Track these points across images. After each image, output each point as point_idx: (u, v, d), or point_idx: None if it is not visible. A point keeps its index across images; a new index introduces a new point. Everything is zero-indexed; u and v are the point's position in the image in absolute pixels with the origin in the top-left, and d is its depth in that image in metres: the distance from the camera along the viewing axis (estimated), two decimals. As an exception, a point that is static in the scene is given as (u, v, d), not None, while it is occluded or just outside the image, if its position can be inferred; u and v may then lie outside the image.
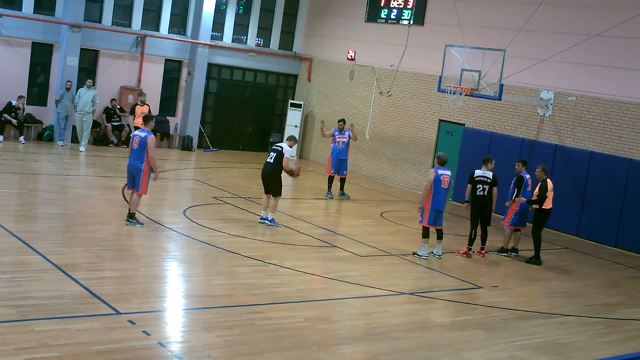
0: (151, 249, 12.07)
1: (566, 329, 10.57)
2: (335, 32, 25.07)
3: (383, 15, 23.30)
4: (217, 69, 25.02)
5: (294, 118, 25.69)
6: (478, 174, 14.13)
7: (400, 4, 22.74)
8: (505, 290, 12.30)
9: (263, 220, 14.57)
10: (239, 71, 25.52)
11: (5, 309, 8.34)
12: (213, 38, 24.47)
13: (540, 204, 14.22)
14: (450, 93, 17.64)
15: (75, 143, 21.12)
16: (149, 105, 22.18)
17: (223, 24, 24.86)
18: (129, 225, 13.03)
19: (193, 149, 24.32)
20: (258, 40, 25.84)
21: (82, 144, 20.86)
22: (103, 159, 20.23)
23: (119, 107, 22.67)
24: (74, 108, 21.05)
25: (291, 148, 14.76)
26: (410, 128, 22.24)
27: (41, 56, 21.89)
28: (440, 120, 21.45)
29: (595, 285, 13.57)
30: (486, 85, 17.43)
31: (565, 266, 14.73)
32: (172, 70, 24.30)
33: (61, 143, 21.21)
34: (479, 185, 14.05)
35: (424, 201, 13.55)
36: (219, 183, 18.59)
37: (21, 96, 20.86)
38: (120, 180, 16.73)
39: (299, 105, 25.71)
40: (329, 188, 18.81)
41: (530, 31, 18.67)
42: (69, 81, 21.10)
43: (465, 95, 17.50)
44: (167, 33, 23.76)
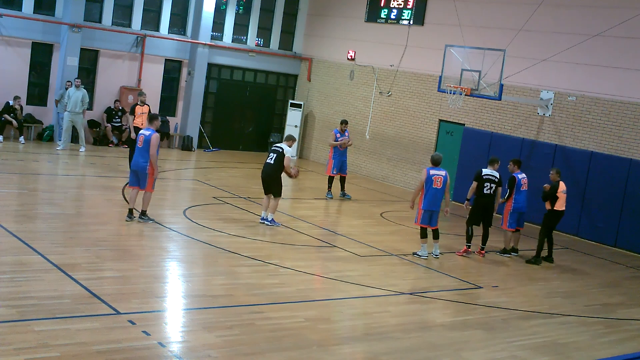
0: (151, 249, 12.08)
1: (566, 329, 10.57)
2: (335, 32, 25.06)
3: (383, 15, 23.29)
4: (217, 69, 25.02)
5: (294, 118, 25.68)
6: (486, 172, 14.19)
7: (400, 4, 22.73)
8: (506, 290, 12.30)
9: (263, 221, 14.58)
10: (239, 71, 25.52)
11: (5, 309, 8.34)
12: (213, 38, 24.47)
13: (550, 200, 14.23)
14: (450, 93, 17.64)
15: (76, 143, 21.08)
16: (149, 105, 22.05)
17: (223, 24, 24.86)
18: (141, 222, 13.20)
19: (193, 149, 24.31)
20: (258, 40, 25.84)
21: (82, 144, 20.74)
22: (103, 159, 20.22)
23: (121, 108, 22.64)
24: (64, 108, 20.59)
25: (290, 148, 14.79)
26: (410, 128, 22.24)
27: (41, 56, 21.89)
28: (440, 120, 21.45)
29: (595, 285, 13.57)
30: (486, 85, 17.43)
31: (565, 266, 14.74)
32: (172, 70, 24.30)
33: (60, 147, 20.50)
34: (486, 183, 14.10)
35: (418, 201, 13.61)
36: (219, 183, 18.59)
37: (17, 96, 20.80)
38: (120, 180, 16.75)
39: (299, 105, 25.71)
40: (329, 188, 18.81)
41: (530, 31, 18.66)
42: (69, 81, 21.08)
43: (465, 95, 17.50)
44: (167, 33, 23.76)
